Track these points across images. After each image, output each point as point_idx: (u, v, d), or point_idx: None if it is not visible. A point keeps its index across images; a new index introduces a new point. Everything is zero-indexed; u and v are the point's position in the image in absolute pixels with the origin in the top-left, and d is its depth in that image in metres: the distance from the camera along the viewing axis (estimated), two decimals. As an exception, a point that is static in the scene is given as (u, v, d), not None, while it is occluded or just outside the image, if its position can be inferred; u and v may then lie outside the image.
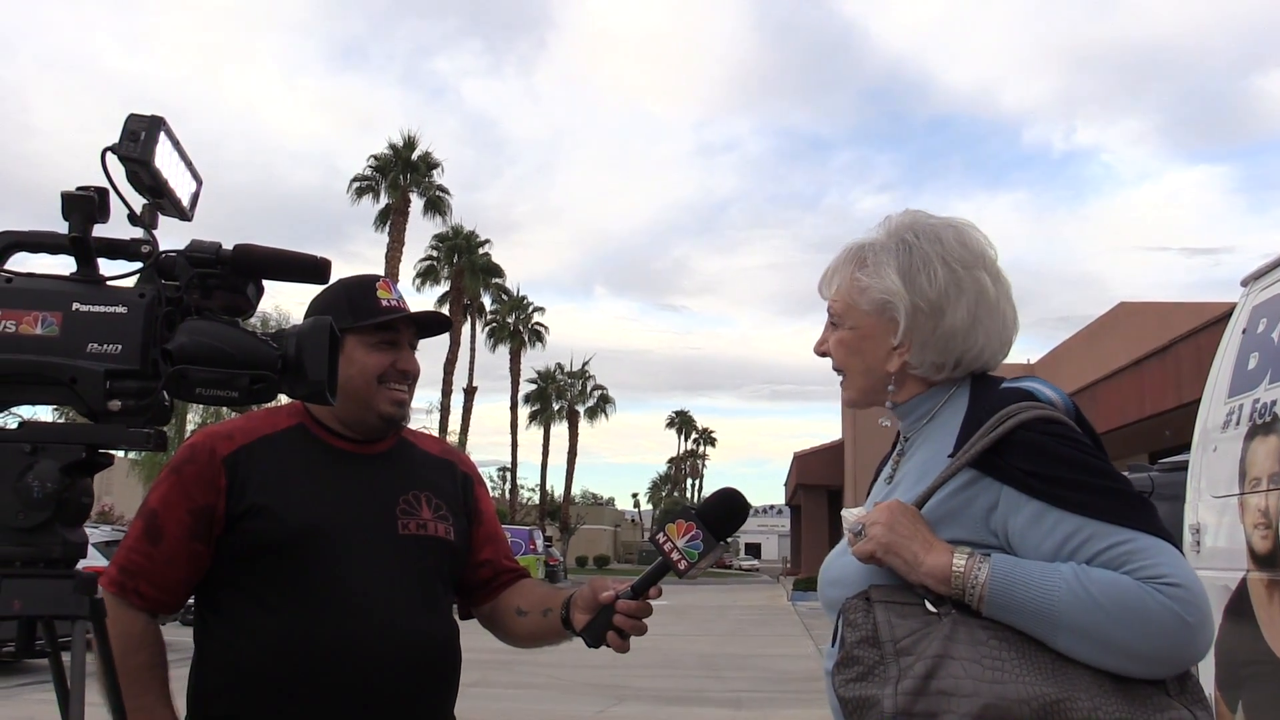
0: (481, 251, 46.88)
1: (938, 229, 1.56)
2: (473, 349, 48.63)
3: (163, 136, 1.57)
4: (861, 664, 1.38)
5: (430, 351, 48.03)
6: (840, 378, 1.64)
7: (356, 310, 1.99)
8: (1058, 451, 1.38)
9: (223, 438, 1.98)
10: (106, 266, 1.59)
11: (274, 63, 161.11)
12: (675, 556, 1.71)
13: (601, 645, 1.81)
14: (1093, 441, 1.44)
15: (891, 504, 1.45)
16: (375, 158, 40.34)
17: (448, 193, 41.58)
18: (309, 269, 1.60)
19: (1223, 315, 13.00)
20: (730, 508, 1.76)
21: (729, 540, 1.78)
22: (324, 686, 1.83)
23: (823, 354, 1.64)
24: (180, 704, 1.94)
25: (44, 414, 1.72)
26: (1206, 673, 3.71)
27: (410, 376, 2.05)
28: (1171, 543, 1.34)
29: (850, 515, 1.49)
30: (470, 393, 47.77)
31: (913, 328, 1.52)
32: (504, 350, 53.45)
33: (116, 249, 1.59)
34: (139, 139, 1.54)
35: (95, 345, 1.50)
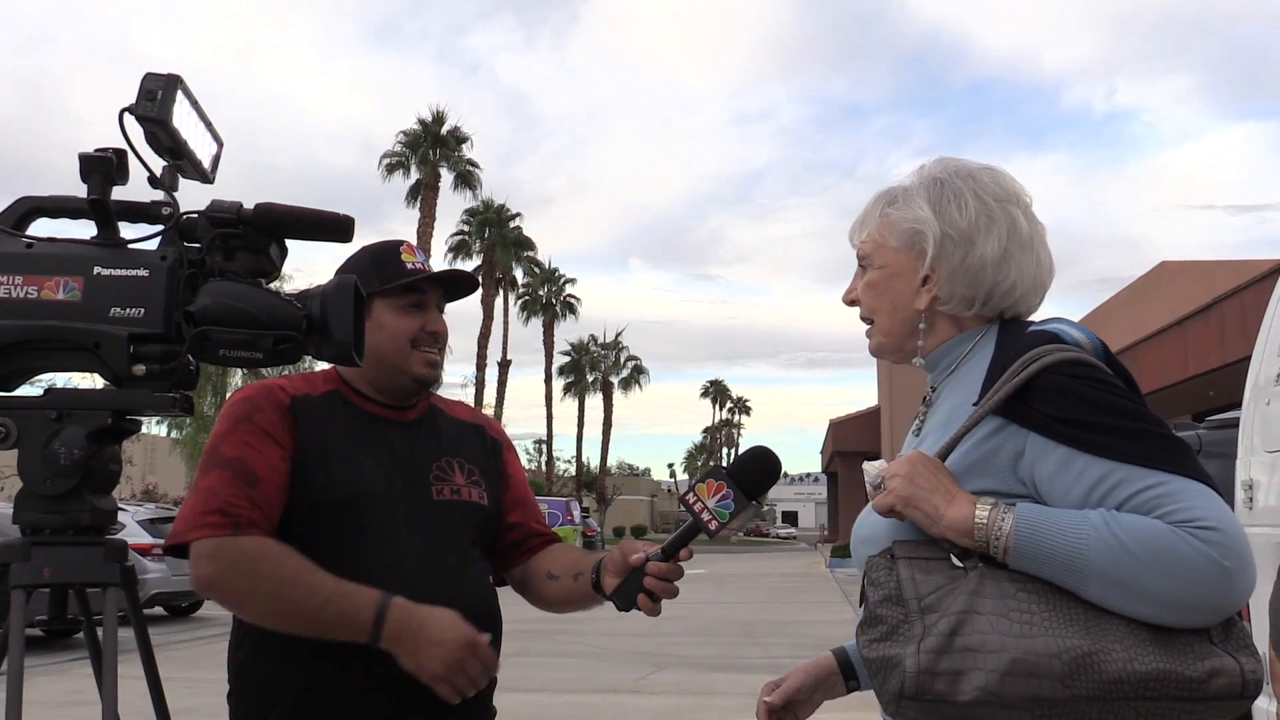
0: (512, 225, 46.94)
1: (971, 169, 1.53)
2: (506, 322, 48.85)
3: (180, 96, 1.54)
4: (885, 623, 1.33)
5: (464, 326, 48.36)
6: (867, 327, 1.59)
7: (382, 274, 1.96)
8: (1084, 394, 1.32)
9: (277, 389, 1.94)
10: (127, 230, 1.56)
11: (309, 44, 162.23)
12: (706, 517, 1.66)
13: (632, 608, 1.77)
14: (1125, 382, 1.38)
15: (912, 455, 1.40)
16: (404, 134, 40.40)
17: (477, 167, 41.63)
18: (332, 227, 1.57)
19: (1270, 271, 12.72)
20: (762, 466, 1.70)
21: (761, 500, 1.72)
22: (363, 653, 1.82)
23: (851, 302, 1.60)
24: (220, 674, 1.93)
25: (90, 384, 1.70)
26: (1261, 632, 3.62)
27: (440, 338, 2.03)
28: (1209, 485, 1.28)
29: (871, 468, 1.45)
30: (504, 366, 48.01)
31: (940, 256, 1.48)
32: (537, 323, 53.68)
33: (137, 212, 1.56)
34: (156, 98, 1.51)
35: (118, 309, 1.48)
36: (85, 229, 1.56)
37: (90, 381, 1.76)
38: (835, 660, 1.68)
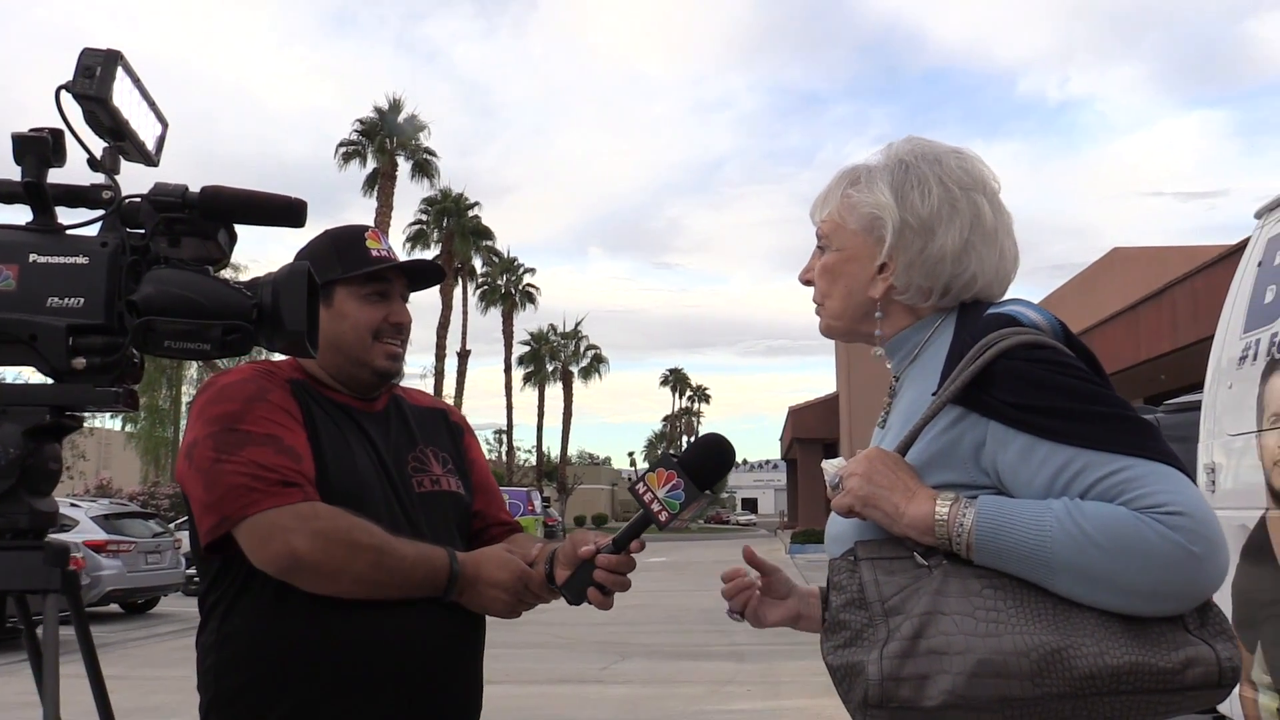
0: (471, 214, 46.53)
1: (939, 153, 1.47)
2: (465, 312, 48.48)
3: (121, 72, 1.46)
4: (849, 628, 1.28)
5: (423, 316, 47.85)
6: (818, 307, 1.53)
7: (346, 261, 1.89)
8: (1043, 379, 1.27)
9: (270, 369, 1.87)
10: (65, 215, 1.48)
11: (267, 33, 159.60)
12: (656, 508, 1.59)
13: (583, 601, 1.69)
14: (1086, 363, 1.33)
15: (870, 452, 1.36)
16: (361, 122, 39.86)
17: (435, 155, 41.24)
18: (282, 211, 1.49)
19: (1220, 256, 12.92)
20: (714, 455, 1.63)
21: (713, 490, 1.65)
22: (355, 649, 1.75)
23: (807, 282, 1.54)
24: (186, 672, 1.83)
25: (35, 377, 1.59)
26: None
27: (404, 330, 1.96)
28: (1177, 467, 1.24)
29: (830, 467, 1.40)
30: (464, 356, 47.69)
31: (899, 246, 1.42)
32: (496, 313, 53.30)
33: (76, 196, 1.48)
34: (94, 75, 1.42)
35: (55, 299, 1.40)
36: (20, 214, 1.48)
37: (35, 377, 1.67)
38: (820, 591, 1.61)
